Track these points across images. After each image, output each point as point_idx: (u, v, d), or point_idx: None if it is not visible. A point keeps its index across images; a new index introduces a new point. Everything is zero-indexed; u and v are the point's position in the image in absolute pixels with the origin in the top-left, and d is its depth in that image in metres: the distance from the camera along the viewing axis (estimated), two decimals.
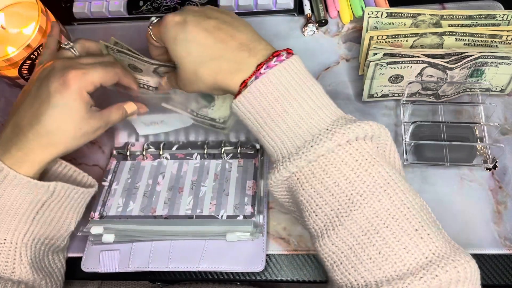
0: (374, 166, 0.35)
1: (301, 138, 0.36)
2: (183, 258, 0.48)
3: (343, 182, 0.34)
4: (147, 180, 0.52)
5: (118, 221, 0.49)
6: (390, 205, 0.33)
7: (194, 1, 0.62)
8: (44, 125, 0.41)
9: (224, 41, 0.38)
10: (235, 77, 0.38)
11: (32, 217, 0.43)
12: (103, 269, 0.48)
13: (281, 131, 0.37)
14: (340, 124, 0.35)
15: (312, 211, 0.36)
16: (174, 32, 0.40)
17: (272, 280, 0.48)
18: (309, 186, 0.35)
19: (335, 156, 0.35)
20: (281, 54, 0.38)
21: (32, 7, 0.56)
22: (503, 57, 0.48)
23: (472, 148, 0.49)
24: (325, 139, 0.35)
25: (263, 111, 0.37)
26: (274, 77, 0.36)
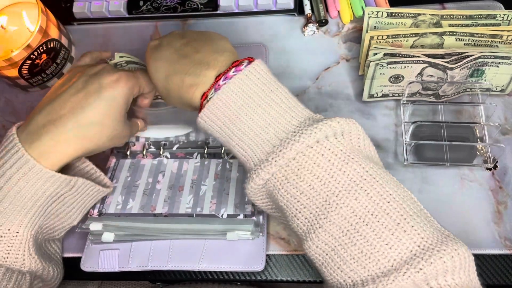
0: (348, 164, 0.34)
1: (269, 144, 0.36)
2: (183, 258, 0.48)
3: (317, 184, 0.34)
4: (147, 179, 0.52)
5: (118, 218, 0.49)
6: (368, 201, 0.33)
7: (194, 1, 0.62)
8: (87, 116, 0.41)
9: (187, 56, 0.39)
10: (196, 91, 0.38)
11: (45, 209, 0.43)
12: (102, 269, 0.48)
13: (249, 139, 0.36)
14: (307, 125, 0.35)
15: (293, 216, 0.35)
16: (149, 54, 0.42)
17: (272, 280, 0.48)
18: (285, 192, 0.35)
19: (306, 158, 0.34)
20: (241, 63, 0.38)
21: (32, 7, 0.56)
22: (504, 57, 0.48)
23: (472, 148, 0.49)
24: (293, 142, 0.34)
25: (229, 122, 0.37)
26: (234, 86, 0.36)
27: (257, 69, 0.37)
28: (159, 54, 0.41)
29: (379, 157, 0.51)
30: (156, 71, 0.41)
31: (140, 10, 0.63)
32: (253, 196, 0.38)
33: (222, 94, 0.36)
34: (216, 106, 0.37)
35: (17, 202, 0.41)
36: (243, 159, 0.38)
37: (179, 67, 0.39)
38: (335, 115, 0.55)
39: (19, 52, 0.53)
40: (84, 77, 0.43)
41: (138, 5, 0.63)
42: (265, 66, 0.38)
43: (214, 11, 0.62)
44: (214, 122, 0.37)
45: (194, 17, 0.63)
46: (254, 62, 0.37)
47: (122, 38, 0.63)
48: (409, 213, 0.33)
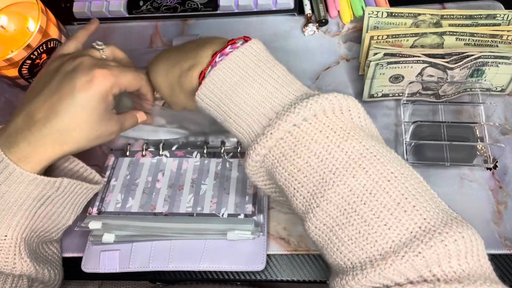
0: (347, 141, 0.32)
1: (265, 117, 0.35)
2: (183, 258, 0.48)
3: (314, 161, 0.32)
4: (147, 177, 0.52)
5: (117, 217, 0.49)
6: (366, 179, 0.31)
7: (194, 1, 0.62)
8: (62, 121, 0.40)
9: (184, 47, 0.41)
10: (193, 72, 0.39)
11: (34, 212, 0.42)
12: (103, 269, 0.48)
13: (245, 114, 0.36)
14: (303, 98, 0.34)
15: (292, 195, 0.34)
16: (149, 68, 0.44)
17: (272, 280, 0.48)
18: (283, 169, 0.34)
19: (303, 134, 0.33)
20: (236, 42, 0.38)
21: (32, 7, 0.56)
22: (504, 57, 0.48)
23: (472, 148, 0.49)
24: (289, 113, 0.33)
25: (226, 98, 0.36)
26: (230, 62, 0.36)
27: (253, 46, 0.37)
28: (157, 61, 0.43)
29: None
30: (157, 74, 0.42)
31: (140, 10, 0.63)
32: (253, 175, 0.37)
33: (219, 70, 0.36)
34: (213, 82, 0.36)
35: (1, 207, 0.40)
36: (241, 136, 0.37)
37: (176, 59, 0.40)
38: None
39: (19, 52, 0.53)
40: (59, 76, 0.41)
41: (138, 5, 0.63)
42: (262, 44, 0.38)
43: (214, 11, 0.62)
44: (211, 99, 0.37)
45: (194, 17, 0.63)
46: (251, 40, 0.38)
47: (122, 38, 0.63)
48: (412, 192, 0.31)
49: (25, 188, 0.40)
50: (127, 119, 0.47)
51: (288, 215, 0.50)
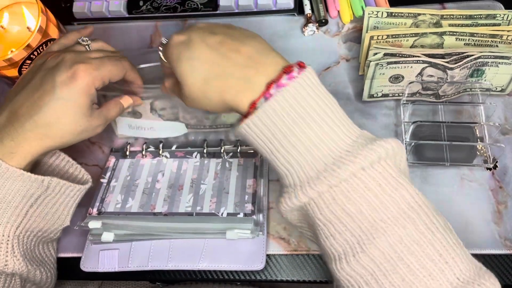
0: (397, 191, 0.33)
1: (321, 161, 0.34)
2: (182, 257, 0.48)
3: (366, 209, 0.33)
4: (147, 178, 0.52)
5: (117, 216, 0.49)
6: (414, 230, 0.32)
7: (194, 1, 0.62)
8: (44, 116, 0.40)
9: (229, 57, 0.36)
10: (243, 97, 0.36)
11: (25, 211, 0.42)
12: (102, 269, 0.48)
13: (298, 153, 0.34)
14: (361, 145, 0.34)
15: (329, 235, 0.34)
16: (178, 50, 0.38)
17: (272, 280, 0.48)
18: (329, 212, 0.34)
19: (358, 181, 0.33)
20: (292, 70, 0.35)
21: (32, 7, 0.56)
22: (504, 57, 0.48)
23: (472, 148, 0.49)
24: (348, 162, 0.33)
25: (278, 133, 0.34)
26: (287, 96, 0.34)
27: (310, 77, 0.35)
28: (193, 52, 0.37)
29: None
30: (192, 72, 0.37)
31: (140, 10, 0.63)
32: (287, 213, 0.37)
33: (272, 106, 0.34)
34: (264, 117, 0.34)
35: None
36: (285, 173, 0.35)
37: (222, 70, 0.36)
38: None
39: (19, 52, 0.53)
40: (42, 72, 0.42)
41: (138, 5, 0.63)
42: (315, 74, 0.36)
43: (214, 11, 0.62)
44: (262, 131, 0.35)
45: (194, 17, 0.63)
46: (307, 70, 0.35)
47: (122, 38, 0.63)
48: (450, 244, 0.32)
49: (12, 185, 0.40)
50: (111, 109, 0.46)
51: None
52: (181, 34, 0.39)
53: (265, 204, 0.50)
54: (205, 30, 0.39)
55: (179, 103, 0.50)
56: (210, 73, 0.36)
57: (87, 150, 0.57)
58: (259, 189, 0.50)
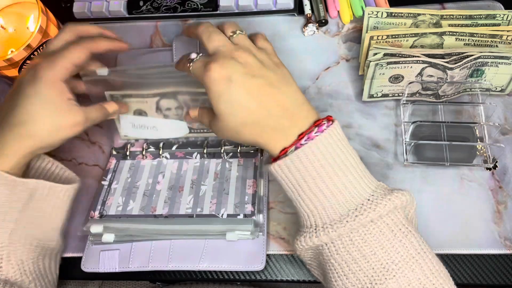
0: (407, 237, 0.37)
1: (344, 206, 0.37)
2: (183, 258, 0.48)
3: (380, 252, 0.36)
4: (147, 179, 0.52)
5: (118, 220, 0.49)
6: (421, 274, 0.36)
7: (194, 1, 0.62)
8: (17, 115, 0.41)
9: (267, 108, 0.39)
10: (276, 144, 0.39)
11: (15, 217, 0.42)
12: (103, 269, 0.48)
13: (323, 197, 0.37)
14: (380, 195, 0.38)
15: (343, 275, 0.37)
16: (218, 89, 0.39)
17: (272, 280, 0.48)
18: (346, 252, 0.37)
19: (375, 227, 0.37)
20: (322, 123, 0.39)
21: (32, 7, 0.56)
22: (503, 57, 0.48)
23: (472, 148, 0.49)
24: (369, 210, 0.37)
25: (307, 176, 0.37)
26: (315, 147, 0.37)
27: (336, 131, 0.39)
28: (234, 96, 0.39)
29: (380, 157, 0.52)
30: (230, 114, 0.39)
31: (140, 10, 0.63)
32: (303, 251, 0.40)
33: (305, 152, 0.37)
34: (293, 164, 0.38)
35: None
36: (308, 213, 0.39)
37: (259, 118, 0.39)
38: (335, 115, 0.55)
39: (19, 52, 0.53)
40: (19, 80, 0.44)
41: (138, 5, 0.63)
42: (340, 128, 0.39)
43: (214, 11, 0.62)
44: (291, 173, 0.38)
45: (194, 17, 0.63)
46: (335, 124, 0.39)
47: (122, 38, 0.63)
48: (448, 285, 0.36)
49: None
50: (93, 110, 0.46)
51: (288, 215, 0.50)
52: (222, 70, 0.39)
53: (265, 205, 0.50)
54: (247, 69, 0.39)
55: (184, 103, 0.51)
56: (248, 119, 0.39)
57: (87, 150, 0.57)
58: (259, 189, 0.50)
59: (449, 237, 0.47)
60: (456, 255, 0.47)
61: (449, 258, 0.47)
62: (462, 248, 0.47)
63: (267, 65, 0.41)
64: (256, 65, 0.40)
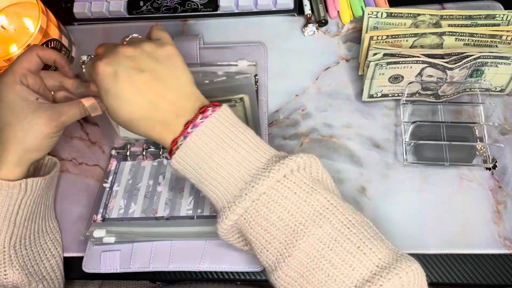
0: (312, 195, 0.36)
1: (241, 181, 0.37)
2: (184, 258, 0.48)
3: (286, 215, 0.36)
4: (148, 181, 0.52)
5: (120, 223, 0.49)
6: (331, 229, 0.35)
7: (194, 1, 0.62)
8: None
9: (154, 103, 0.39)
10: (166, 136, 0.40)
11: (14, 219, 0.44)
12: (104, 270, 0.48)
13: (221, 178, 0.38)
14: (274, 162, 0.38)
15: (262, 247, 0.37)
16: (106, 84, 0.39)
17: None
18: (256, 224, 0.37)
19: (275, 192, 0.36)
20: (207, 110, 0.39)
21: (32, 7, 0.56)
22: (503, 57, 0.49)
23: (472, 148, 0.49)
24: (264, 177, 0.36)
25: (202, 163, 0.38)
26: (201, 133, 0.38)
27: (222, 114, 0.39)
28: (120, 92, 0.39)
29: (379, 157, 0.52)
30: (118, 110, 0.39)
31: (140, 10, 0.63)
32: (226, 234, 0.40)
33: (191, 141, 0.38)
34: (186, 152, 0.38)
35: None
36: (215, 198, 0.39)
37: (146, 113, 0.39)
38: (335, 115, 0.55)
39: (19, 52, 0.53)
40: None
41: (139, 6, 0.63)
42: (230, 110, 0.40)
43: (214, 11, 0.62)
44: (188, 163, 0.39)
45: (194, 18, 0.63)
46: (221, 108, 0.39)
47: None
48: (367, 237, 0.35)
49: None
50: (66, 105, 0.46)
51: None
52: (107, 65, 0.39)
53: None
54: (133, 63, 0.39)
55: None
56: (136, 114, 0.39)
57: (87, 150, 0.57)
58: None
59: (449, 237, 0.47)
60: (456, 255, 0.47)
61: (449, 258, 0.47)
62: (461, 248, 0.47)
63: (157, 57, 0.40)
64: (144, 59, 0.39)
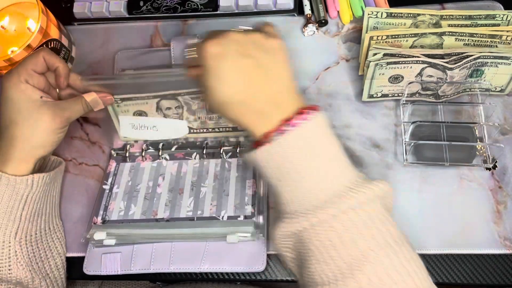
0: (385, 225, 0.37)
1: (323, 193, 0.38)
2: (184, 260, 0.48)
3: (359, 238, 0.36)
4: (148, 182, 0.52)
5: (121, 225, 0.49)
6: (397, 262, 0.35)
7: (194, 1, 0.62)
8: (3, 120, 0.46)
9: (254, 90, 0.39)
10: (258, 127, 0.39)
11: (20, 214, 0.45)
12: (105, 272, 0.48)
13: (304, 184, 0.38)
14: (360, 183, 0.38)
15: (322, 261, 0.37)
16: (210, 63, 0.39)
17: (272, 280, 0.48)
18: (325, 238, 0.37)
19: (355, 214, 0.37)
20: (306, 112, 0.39)
21: (32, 7, 0.56)
22: (503, 57, 0.49)
23: (472, 148, 0.49)
24: (350, 197, 0.37)
25: (287, 163, 0.38)
26: (298, 135, 0.38)
27: (321, 120, 0.39)
28: (223, 72, 0.39)
29: (379, 157, 0.52)
30: (218, 90, 0.39)
31: (140, 10, 0.63)
32: (283, 237, 0.40)
33: (284, 139, 0.38)
34: (277, 148, 0.38)
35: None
36: (288, 199, 0.39)
37: (245, 99, 0.39)
38: (335, 115, 0.55)
39: (19, 52, 0.53)
40: None
41: (138, 6, 0.63)
42: (326, 118, 0.40)
43: (214, 11, 0.62)
44: (273, 159, 0.38)
45: (194, 18, 0.63)
46: (319, 113, 0.39)
47: (122, 38, 0.63)
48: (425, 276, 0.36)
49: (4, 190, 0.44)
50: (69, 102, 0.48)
51: None
52: (216, 45, 0.39)
53: (265, 205, 0.50)
54: (240, 46, 0.39)
55: (184, 102, 0.51)
56: (234, 98, 0.39)
57: (87, 150, 0.57)
58: (259, 189, 0.50)
59: (449, 237, 0.47)
60: (456, 255, 0.47)
61: (448, 258, 0.47)
62: (461, 248, 0.47)
63: (264, 47, 0.40)
64: (251, 46, 0.40)
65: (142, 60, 0.60)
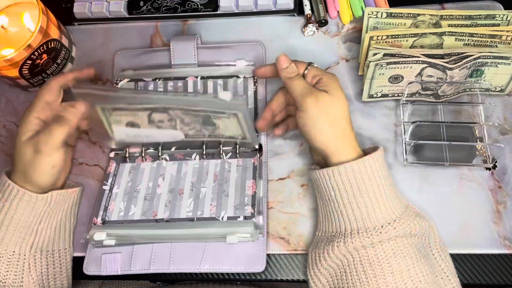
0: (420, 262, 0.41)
1: (379, 219, 0.42)
2: (184, 260, 0.48)
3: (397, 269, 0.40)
4: (147, 183, 0.52)
5: (121, 226, 0.50)
6: None
7: (194, 1, 0.62)
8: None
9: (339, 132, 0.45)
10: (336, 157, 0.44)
11: (36, 229, 0.47)
12: (105, 272, 0.48)
13: (365, 207, 0.42)
14: (409, 216, 0.43)
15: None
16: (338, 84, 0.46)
17: (272, 279, 0.48)
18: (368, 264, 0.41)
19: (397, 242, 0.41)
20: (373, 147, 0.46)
21: (32, 7, 0.56)
22: (503, 57, 0.49)
23: (471, 148, 0.49)
24: (400, 226, 0.42)
25: (350, 188, 0.43)
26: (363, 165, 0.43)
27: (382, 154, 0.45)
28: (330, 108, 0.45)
29: None
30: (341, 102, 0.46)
31: (140, 10, 0.63)
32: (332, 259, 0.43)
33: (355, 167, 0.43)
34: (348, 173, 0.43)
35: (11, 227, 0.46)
36: (346, 219, 0.43)
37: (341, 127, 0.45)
38: None
39: (19, 52, 0.53)
40: None
41: (139, 6, 0.63)
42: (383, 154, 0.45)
43: (214, 11, 0.62)
44: (342, 181, 0.43)
45: (194, 18, 0.63)
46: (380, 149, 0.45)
47: (122, 38, 0.63)
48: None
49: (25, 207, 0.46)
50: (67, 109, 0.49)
51: (288, 214, 0.50)
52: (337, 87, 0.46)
53: (265, 205, 0.50)
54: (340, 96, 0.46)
55: (176, 116, 0.50)
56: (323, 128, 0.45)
57: (87, 150, 0.57)
58: (259, 190, 0.50)
59: (449, 237, 0.47)
60: (456, 255, 0.47)
61: None
62: (461, 248, 0.47)
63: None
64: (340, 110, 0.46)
65: (142, 60, 0.60)
